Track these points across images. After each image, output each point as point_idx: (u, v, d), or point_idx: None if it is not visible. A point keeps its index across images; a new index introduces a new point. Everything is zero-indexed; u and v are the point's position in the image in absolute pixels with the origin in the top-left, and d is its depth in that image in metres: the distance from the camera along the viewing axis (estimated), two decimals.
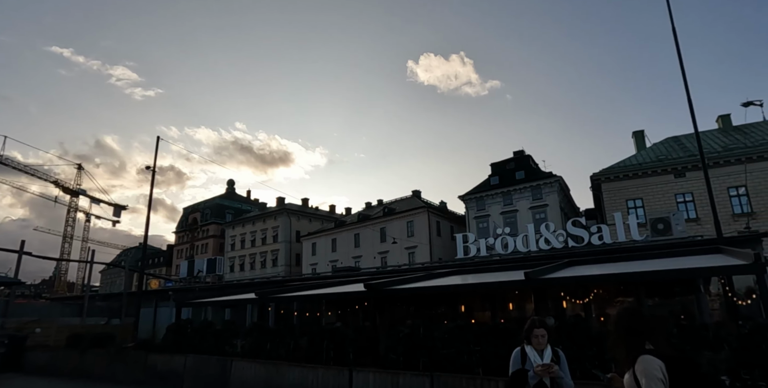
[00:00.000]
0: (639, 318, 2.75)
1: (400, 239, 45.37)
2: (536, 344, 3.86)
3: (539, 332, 3.87)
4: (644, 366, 2.50)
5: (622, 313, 2.83)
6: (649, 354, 2.55)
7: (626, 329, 2.71)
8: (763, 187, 30.99)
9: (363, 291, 9.18)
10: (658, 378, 2.44)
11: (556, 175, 41.12)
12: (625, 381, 2.63)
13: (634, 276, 7.89)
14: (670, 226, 10.99)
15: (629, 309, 2.84)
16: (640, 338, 2.66)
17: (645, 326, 2.70)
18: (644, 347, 2.61)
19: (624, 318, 2.78)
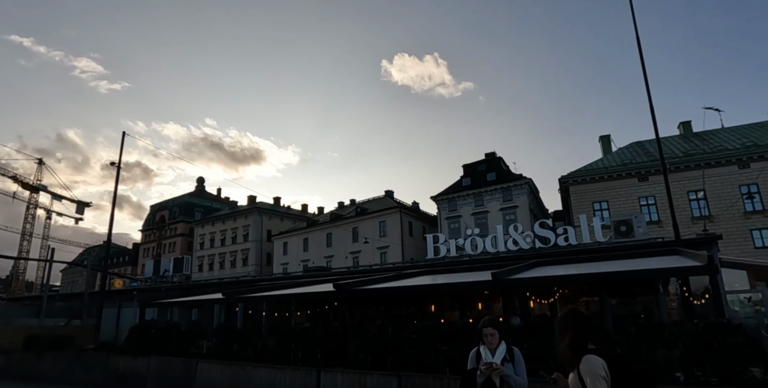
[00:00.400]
0: (582, 320, 2.85)
1: (373, 239, 45.41)
2: (488, 343, 3.91)
3: (488, 331, 3.92)
4: (588, 365, 2.59)
5: (566, 315, 2.93)
6: (592, 354, 2.64)
7: (570, 330, 2.80)
8: (720, 191, 32.37)
9: (332, 291, 9.15)
10: (602, 376, 2.54)
11: (526, 177, 41.92)
12: (570, 380, 2.72)
13: (597, 276, 8.12)
14: (632, 228, 11.36)
15: (572, 311, 2.94)
16: (583, 338, 2.75)
17: (587, 327, 2.80)
18: (587, 347, 2.70)
19: (568, 320, 2.88)
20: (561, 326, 2.90)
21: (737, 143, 34.19)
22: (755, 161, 31.84)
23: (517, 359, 3.88)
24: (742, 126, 37.83)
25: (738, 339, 6.42)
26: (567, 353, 2.78)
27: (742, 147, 33.24)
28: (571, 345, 2.76)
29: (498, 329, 3.96)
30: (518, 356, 3.92)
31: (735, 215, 31.75)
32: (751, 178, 31.61)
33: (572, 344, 2.76)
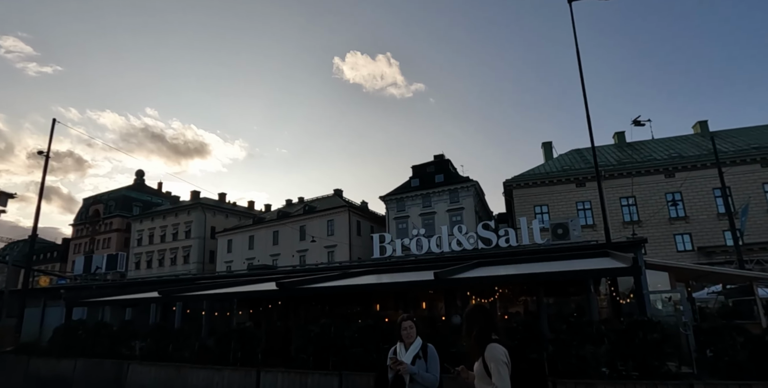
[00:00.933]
0: (487, 314, 3.12)
1: (320, 237, 45.07)
2: (405, 337, 3.93)
3: (406, 324, 3.96)
4: (492, 353, 2.84)
5: (473, 310, 3.18)
6: (495, 343, 2.90)
7: (477, 323, 3.05)
8: (648, 198, 34.69)
9: (275, 290, 9.01)
10: (504, 362, 2.80)
11: (472, 180, 43.06)
12: (475, 369, 2.95)
13: (534, 277, 8.48)
14: (568, 231, 11.95)
15: (478, 306, 3.20)
16: (487, 330, 3.00)
17: (492, 320, 3.07)
18: (492, 337, 2.95)
19: (475, 314, 3.13)
20: (468, 320, 3.13)
21: (664, 154, 36.74)
22: (680, 171, 34.37)
23: (430, 356, 3.88)
24: (669, 138, 40.73)
25: (657, 336, 6.90)
26: (474, 344, 3.00)
27: (669, 158, 35.78)
28: (478, 336, 2.99)
29: (415, 323, 4.00)
30: (431, 352, 3.92)
31: (661, 221, 34.12)
32: (676, 187, 34.10)
33: (478, 335, 2.99)
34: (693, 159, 34.38)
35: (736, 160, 33.12)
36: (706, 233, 33.11)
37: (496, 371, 2.75)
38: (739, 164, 33.12)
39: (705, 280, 18.12)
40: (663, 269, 13.76)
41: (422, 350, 3.90)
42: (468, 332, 3.08)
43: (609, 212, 33.81)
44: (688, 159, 34.64)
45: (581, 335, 7.08)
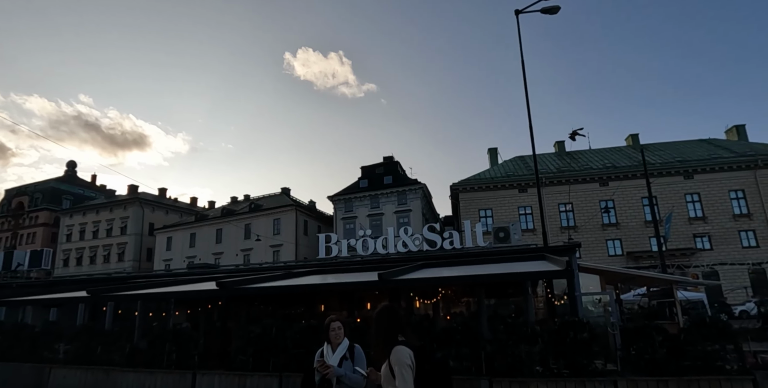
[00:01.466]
0: (394, 315, 3.08)
1: (266, 236, 44.16)
2: (333, 338, 3.91)
3: (335, 325, 3.93)
4: (397, 355, 2.83)
5: (380, 311, 3.13)
6: (401, 345, 2.88)
7: (383, 324, 3.02)
8: (584, 204, 36.63)
9: (215, 290, 8.74)
10: (408, 364, 2.79)
11: (420, 182, 43.72)
12: (382, 371, 2.94)
13: (475, 278, 8.72)
14: (509, 235, 12.39)
15: (386, 307, 3.15)
16: (394, 331, 2.98)
17: (399, 322, 3.04)
18: (398, 339, 2.94)
19: (382, 315, 3.09)
20: (375, 321, 3.08)
21: (600, 164, 38.94)
22: (613, 180, 36.55)
23: (357, 356, 3.86)
24: (604, 149, 43.21)
25: (586, 335, 7.30)
26: (380, 346, 2.97)
27: (604, 167, 37.95)
28: (384, 338, 2.97)
29: (344, 324, 3.97)
30: (358, 353, 3.90)
31: (595, 226, 36.13)
32: (609, 195, 36.21)
33: (384, 337, 2.97)
34: (625, 169, 36.64)
35: (663, 172, 35.64)
36: (634, 238, 35.39)
37: (400, 375, 2.75)
38: (665, 176, 35.66)
39: (632, 283, 19.33)
40: (595, 272, 14.56)
41: (349, 350, 3.87)
42: (375, 334, 3.04)
43: (548, 217, 35.56)
44: (620, 169, 36.90)
45: (517, 335, 7.37)
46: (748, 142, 39.79)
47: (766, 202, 34.24)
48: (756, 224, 34.17)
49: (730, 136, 42.28)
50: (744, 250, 33.79)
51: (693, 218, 35.15)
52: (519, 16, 13.08)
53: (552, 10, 12.57)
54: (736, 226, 34.45)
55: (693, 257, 34.00)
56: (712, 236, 34.50)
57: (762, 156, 35.28)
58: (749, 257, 33.29)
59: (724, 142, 40.65)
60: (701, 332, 7.06)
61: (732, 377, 6.67)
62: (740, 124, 42.00)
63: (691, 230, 34.80)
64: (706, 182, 35.51)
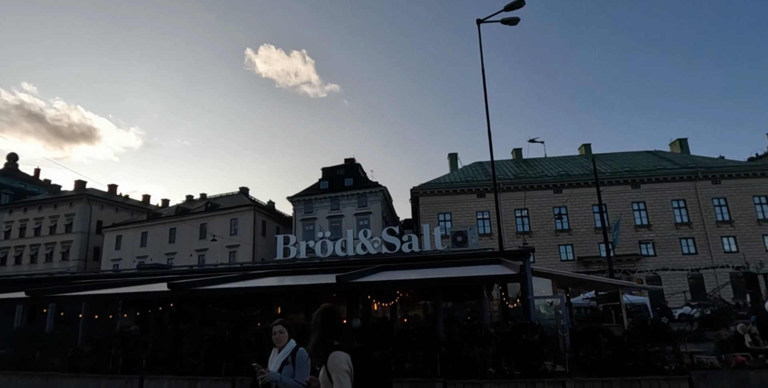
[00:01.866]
0: (331, 318, 3.02)
1: (222, 236, 43.09)
2: (275, 342, 3.84)
3: (277, 328, 3.85)
4: (334, 361, 2.77)
5: (318, 314, 3.06)
6: (338, 350, 2.83)
7: (320, 328, 2.96)
8: (539, 210, 37.82)
9: (167, 291, 8.46)
10: (345, 370, 2.75)
11: (381, 185, 43.88)
12: (320, 377, 2.88)
13: (432, 282, 8.86)
14: (467, 239, 12.63)
15: (323, 310, 3.08)
16: (331, 335, 2.93)
17: (336, 325, 2.99)
18: (334, 343, 2.89)
19: (318, 319, 3.02)
20: (313, 325, 3.03)
21: (554, 172, 40.33)
22: (566, 188, 37.93)
23: (297, 361, 3.72)
24: (559, 157, 44.81)
25: (537, 338, 7.55)
26: (317, 350, 2.92)
27: (558, 175, 39.34)
28: (320, 342, 2.91)
29: (287, 328, 3.88)
30: (299, 357, 3.75)
31: (548, 232, 37.35)
32: (562, 202, 37.57)
33: (321, 341, 2.91)
34: (577, 178, 38.11)
35: (612, 181, 37.30)
36: (585, 244, 36.83)
37: (338, 381, 2.71)
38: (614, 185, 37.34)
39: (582, 287, 20.11)
40: (547, 277, 15.06)
41: (292, 354, 3.75)
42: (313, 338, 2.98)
43: (504, 222, 36.51)
44: (573, 177, 38.35)
45: (472, 338, 7.54)
46: (690, 155, 42.27)
47: (705, 212, 36.46)
48: (695, 232, 36.31)
49: (674, 148, 44.79)
50: (684, 256, 35.83)
51: (639, 225, 36.96)
52: (480, 26, 13.40)
53: (512, 22, 12.94)
54: (677, 234, 36.48)
55: (638, 263, 35.72)
56: (656, 243, 36.38)
57: (702, 169, 37.57)
58: (688, 263, 35.30)
59: (669, 155, 43.02)
60: (643, 334, 7.44)
61: (670, 377, 7.06)
62: (683, 138, 44.63)
63: (637, 236, 36.56)
64: (651, 192, 37.43)
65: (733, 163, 39.66)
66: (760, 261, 33.34)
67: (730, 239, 36.02)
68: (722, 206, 36.74)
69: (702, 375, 7.07)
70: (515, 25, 12.96)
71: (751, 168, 38.42)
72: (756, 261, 33.33)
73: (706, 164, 38.76)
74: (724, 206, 36.70)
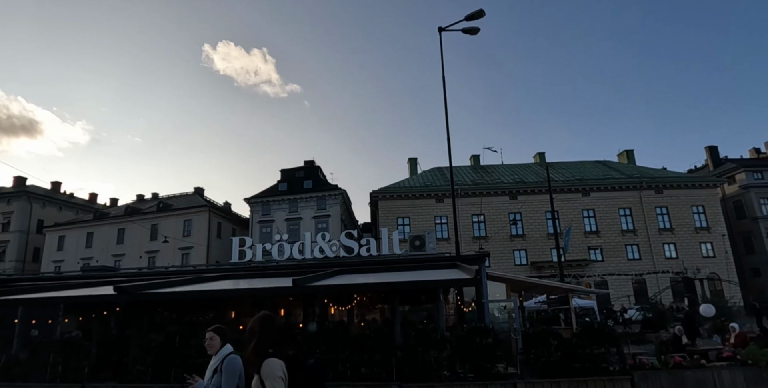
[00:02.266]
0: (268, 324, 2.99)
1: (175, 238, 41.65)
2: (207, 348, 3.66)
3: (207, 335, 3.69)
4: (267, 368, 2.77)
5: (254, 320, 3.03)
6: (272, 357, 2.83)
7: (256, 335, 2.94)
8: (495, 216, 38.74)
9: (112, 294, 8.10)
10: (279, 377, 2.76)
11: (340, 188, 43.75)
12: (253, 384, 2.87)
13: (390, 285, 8.90)
14: (425, 243, 12.78)
15: (260, 316, 3.06)
16: (267, 343, 2.91)
17: (272, 332, 2.96)
18: (269, 351, 2.88)
19: (255, 325, 2.99)
20: (249, 331, 3.00)
21: (510, 179, 41.49)
22: (521, 194, 39.08)
23: (224, 370, 3.48)
24: (515, 164, 46.16)
25: (490, 341, 7.73)
26: (251, 357, 2.90)
27: (513, 182, 40.49)
28: (255, 350, 2.89)
29: (220, 334, 3.70)
30: (227, 366, 3.50)
31: (504, 237, 38.32)
32: (517, 208, 38.67)
33: (255, 348, 2.89)
34: (532, 185, 39.35)
35: (564, 189, 38.76)
36: (538, 249, 38.03)
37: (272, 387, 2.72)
38: (566, 192, 38.80)
39: (534, 291, 20.71)
40: (501, 281, 15.43)
41: (221, 362, 3.53)
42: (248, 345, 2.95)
43: (461, 227, 37.14)
44: (528, 184, 39.58)
45: (427, 342, 7.62)
46: (635, 166, 44.53)
47: (648, 219, 38.49)
48: (639, 239, 38.23)
49: (621, 159, 47.05)
50: (629, 262, 37.64)
51: (588, 232, 38.54)
52: (442, 34, 13.65)
53: (472, 31, 13.26)
54: (623, 240, 38.30)
55: (587, 268, 37.22)
56: (603, 249, 38.03)
57: (646, 179, 39.68)
58: (633, 269, 37.12)
59: (616, 165, 45.15)
60: (590, 336, 7.76)
61: (614, 377, 7.39)
62: (630, 149, 46.98)
63: (587, 242, 38.10)
64: (600, 200, 39.15)
65: (675, 175, 42.12)
66: (697, 267, 35.51)
67: (671, 246, 38.16)
68: (664, 215, 38.89)
69: (643, 375, 7.44)
70: (475, 35, 13.28)
71: (691, 179, 40.93)
72: (693, 267, 35.46)
73: (650, 175, 40.95)
74: (666, 215, 38.86)
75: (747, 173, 41.90)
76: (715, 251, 37.93)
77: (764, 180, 41.54)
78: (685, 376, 7.47)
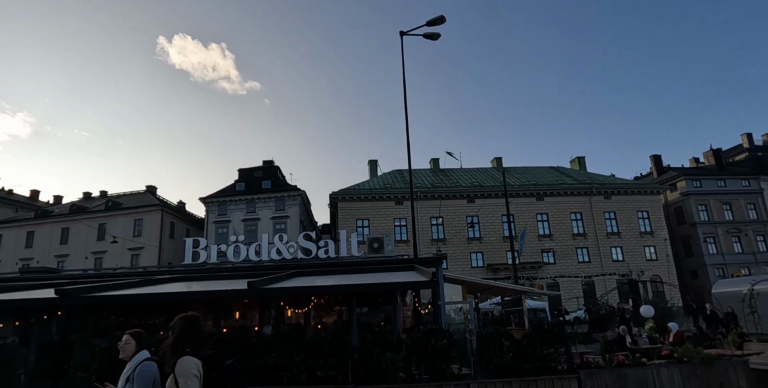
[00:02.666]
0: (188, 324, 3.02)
1: (124, 238, 39.93)
2: (120, 353, 3.44)
3: (123, 338, 3.47)
4: (181, 366, 2.79)
5: (176, 321, 3.06)
6: (188, 355, 2.85)
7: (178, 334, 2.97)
8: (453, 219, 39.40)
9: (53, 298, 7.68)
10: (194, 374, 2.78)
11: (300, 189, 43.32)
12: (167, 383, 2.88)
13: (347, 288, 8.89)
14: (383, 245, 12.85)
15: (182, 317, 3.08)
16: (185, 342, 2.94)
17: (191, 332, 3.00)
18: (185, 350, 2.89)
19: (176, 325, 3.02)
20: (170, 329, 3.03)
21: (468, 182, 42.33)
22: (479, 198, 39.93)
23: (137, 377, 3.21)
24: (472, 169, 47.12)
25: (445, 342, 7.85)
26: (168, 354, 2.92)
27: (471, 186, 41.33)
28: (172, 347, 2.91)
29: (137, 338, 3.47)
30: (141, 372, 3.23)
31: (461, 240, 39.01)
32: (475, 211, 39.48)
33: (172, 347, 2.91)
34: (489, 189, 40.30)
35: (520, 193, 39.91)
36: (494, 252, 38.95)
37: (185, 385, 2.73)
38: (521, 197, 39.97)
39: (489, 292, 21.23)
40: (458, 283, 15.73)
41: (134, 369, 3.28)
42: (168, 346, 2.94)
43: (420, 230, 37.58)
44: (485, 188, 40.50)
45: (383, 343, 7.66)
46: (586, 172, 46.44)
47: (598, 224, 40.21)
48: (589, 242, 39.87)
49: (573, 165, 48.94)
50: (579, 264, 39.18)
51: (542, 235, 39.83)
52: (404, 38, 13.80)
53: (433, 37, 13.48)
54: (574, 243, 39.82)
55: (540, 270, 38.44)
56: (555, 252, 39.40)
57: (596, 185, 41.47)
58: (582, 271, 38.67)
59: (569, 171, 46.92)
60: (540, 336, 8.02)
61: (562, 376, 7.68)
62: (581, 156, 48.96)
63: (540, 245, 39.36)
64: (553, 204, 40.56)
65: (622, 181, 44.21)
66: (641, 269, 37.41)
67: (618, 249, 40.00)
68: (612, 219, 40.73)
69: (589, 374, 7.77)
70: (436, 40, 13.50)
71: (637, 186, 43.09)
72: (638, 269, 37.33)
73: (600, 181, 42.80)
74: (614, 219, 40.72)
75: (687, 181, 44.50)
76: (658, 254, 40.07)
77: (703, 188, 44.26)
78: (627, 374, 7.85)
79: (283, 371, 7.51)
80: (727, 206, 43.74)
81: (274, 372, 7.44)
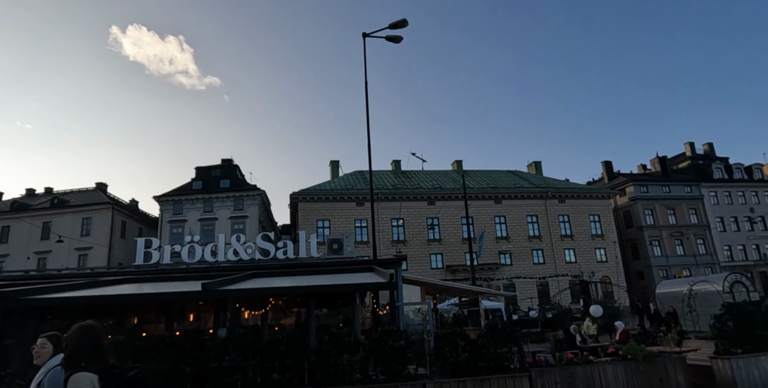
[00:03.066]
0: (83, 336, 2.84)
1: (71, 237, 38.01)
2: (35, 358, 3.21)
3: (39, 341, 3.25)
4: (74, 384, 2.66)
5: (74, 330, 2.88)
6: (84, 371, 2.69)
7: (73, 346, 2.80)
8: (414, 220, 39.77)
9: None
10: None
11: (260, 188, 42.60)
12: None
13: (305, 289, 8.83)
14: (343, 246, 12.81)
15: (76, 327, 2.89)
16: (80, 355, 2.77)
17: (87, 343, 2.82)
18: (80, 364, 2.73)
19: (70, 338, 2.84)
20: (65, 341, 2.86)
21: (429, 185, 42.85)
22: (439, 200, 40.50)
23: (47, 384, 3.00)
24: (433, 171, 47.73)
25: (403, 342, 7.92)
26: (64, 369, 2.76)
27: (432, 188, 41.86)
28: (65, 363, 2.75)
29: (53, 342, 3.21)
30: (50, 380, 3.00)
31: (421, 241, 39.42)
32: (435, 213, 40.00)
33: (66, 362, 2.76)
34: (449, 191, 40.95)
35: (479, 196, 40.77)
36: (453, 253, 39.58)
37: None
38: (480, 199, 40.85)
39: (448, 293, 21.53)
40: (417, 284, 15.89)
41: (45, 375, 3.07)
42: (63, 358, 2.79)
43: (381, 231, 37.69)
44: (446, 191, 41.13)
45: (340, 345, 7.64)
46: (543, 177, 47.98)
47: (552, 227, 41.60)
48: (544, 244, 41.18)
49: (530, 169, 50.45)
50: (534, 266, 40.40)
51: (500, 237, 40.82)
52: (366, 39, 13.83)
53: (395, 39, 13.58)
54: (530, 245, 41.04)
55: (497, 271, 39.37)
56: (512, 253, 40.47)
57: (551, 189, 42.93)
58: (537, 272, 39.88)
59: (526, 175, 48.33)
60: (494, 336, 8.22)
61: (514, 374, 7.90)
62: (538, 161, 50.56)
63: (498, 247, 40.33)
64: (511, 207, 41.66)
65: (576, 186, 45.95)
66: (592, 271, 38.99)
67: (571, 251, 41.52)
68: (566, 222, 42.24)
69: (540, 372, 8.02)
70: (399, 43, 13.61)
71: (589, 191, 44.88)
72: (589, 271, 38.86)
73: (555, 185, 44.32)
74: (567, 222, 42.24)
75: (635, 187, 46.73)
76: (608, 256, 41.86)
77: (649, 193, 46.60)
78: (575, 371, 8.16)
79: (237, 374, 7.36)
80: (671, 211, 46.24)
81: (228, 376, 7.28)
